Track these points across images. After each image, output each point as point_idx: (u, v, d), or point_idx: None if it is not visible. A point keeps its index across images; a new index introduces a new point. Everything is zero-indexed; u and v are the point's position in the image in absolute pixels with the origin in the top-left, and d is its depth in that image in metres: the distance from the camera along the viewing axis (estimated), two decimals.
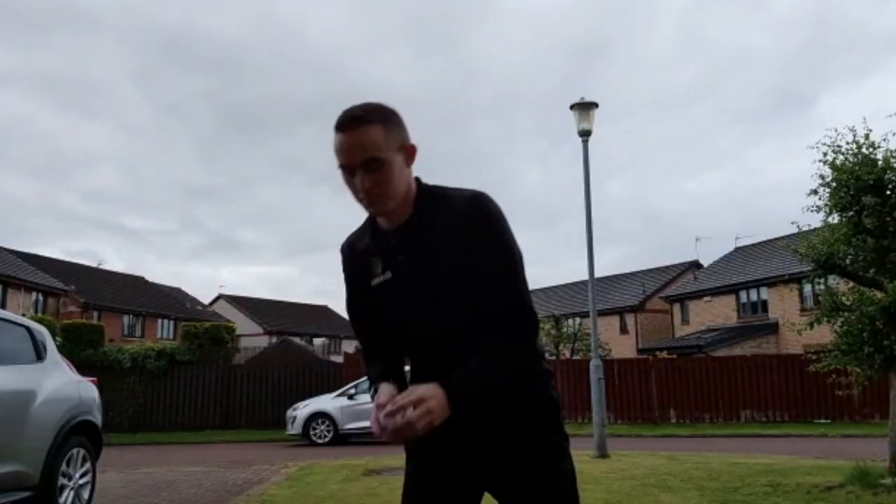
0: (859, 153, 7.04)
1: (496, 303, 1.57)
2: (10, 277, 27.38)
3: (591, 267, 11.45)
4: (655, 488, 6.83)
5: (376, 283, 1.69)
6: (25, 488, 4.98)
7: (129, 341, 28.63)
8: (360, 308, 1.79)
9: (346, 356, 23.10)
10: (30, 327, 5.73)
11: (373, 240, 1.71)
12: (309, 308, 54.53)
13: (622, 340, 35.48)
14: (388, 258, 1.67)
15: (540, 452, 1.65)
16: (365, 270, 1.71)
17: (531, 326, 1.60)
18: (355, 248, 1.77)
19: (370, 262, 1.70)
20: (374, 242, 1.70)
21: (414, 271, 1.63)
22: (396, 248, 1.65)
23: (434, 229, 1.62)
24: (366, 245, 1.72)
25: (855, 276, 7.38)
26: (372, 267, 1.70)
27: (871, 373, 7.02)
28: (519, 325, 1.59)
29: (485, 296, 1.57)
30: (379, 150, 1.57)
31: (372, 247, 1.70)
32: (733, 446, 12.71)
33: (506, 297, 1.58)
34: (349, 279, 1.79)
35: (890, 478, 6.40)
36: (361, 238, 1.75)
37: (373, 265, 1.70)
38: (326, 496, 6.70)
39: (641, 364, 20.69)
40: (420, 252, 1.63)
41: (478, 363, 1.53)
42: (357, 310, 1.80)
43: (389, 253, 1.66)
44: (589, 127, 11.41)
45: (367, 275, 1.71)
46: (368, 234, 1.73)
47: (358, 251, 1.75)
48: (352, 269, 1.77)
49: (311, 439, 15.30)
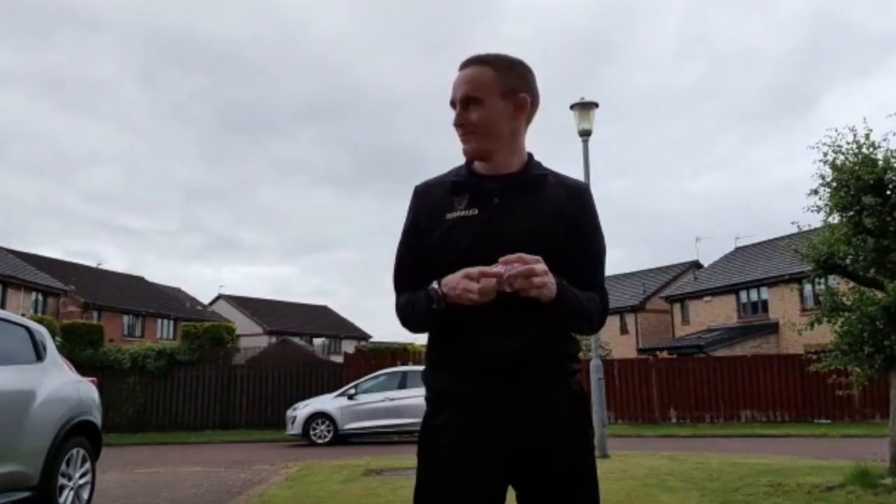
0: (860, 153, 7.03)
1: (589, 276, 1.72)
2: (10, 277, 27.38)
3: None
4: (656, 488, 6.83)
5: (454, 216, 1.69)
6: (25, 488, 4.98)
7: (129, 341, 28.66)
8: (414, 241, 1.76)
9: (346, 356, 23.11)
10: (30, 327, 5.73)
11: (467, 177, 1.74)
12: (309, 308, 54.52)
13: (622, 340, 35.47)
14: (479, 196, 1.69)
15: (578, 443, 1.67)
16: (441, 204, 1.72)
17: (607, 302, 1.77)
18: (433, 185, 1.78)
19: (453, 197, 1.71)
20: (468, 180, 1.73)
21: (506, 214, 1.66)
22: (494, 190, 1.69)
23: (544, 189, 1.71)
24: (455, 180, 1.74)
25: (855, 276, 7.37)
26: (454, 202, 1.71)
27: (872, 373, 7.01)
28: (604, 296, 1.74)
29: (581, 267, 1.69)
30: (479, 90, 1.66)
31: (464, 183, 1.72)
32: (733, 446, 12.71)
33: (597, 274, 1.76)
34: (415, 215, 1.78)
35: (890, 478, 6.40)
36: (446, 178, 1.78)
37: (456, 200, 1.71)
38: (326, 496, 6.70)
39: (642, 364, 20.69)
40: (521, 201, 1.68)
41: (580, 291, 1.65)
42: (411, 244, 1.77)
43: (483, 192, 1.69)
44: (589, 127, 11.41)
45: (442, 209, 1.71)
46: (462, 173, 1.75)
47: (440, 186, 1.76)
48: (424, 204, 1.77)
49: (311, 439, 15.29)
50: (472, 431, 1.61)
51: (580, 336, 2.14)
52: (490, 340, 1.60)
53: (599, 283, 1.75)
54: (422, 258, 1.72)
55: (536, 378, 1.64)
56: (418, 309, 1.67)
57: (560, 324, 1.66)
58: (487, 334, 1.60)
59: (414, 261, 1.75)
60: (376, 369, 17.41)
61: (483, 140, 1.68)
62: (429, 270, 1.67)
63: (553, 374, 1.67)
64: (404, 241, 1.79)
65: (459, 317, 1.60)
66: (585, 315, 1.67)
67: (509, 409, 1.62)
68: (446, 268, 1.61)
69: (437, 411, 1.69)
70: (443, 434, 1.65)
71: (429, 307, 1.61)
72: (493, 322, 1.60)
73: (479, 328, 1.60)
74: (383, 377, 16.09)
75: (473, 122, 1.67)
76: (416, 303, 1.68)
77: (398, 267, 1.80)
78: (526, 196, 1.69)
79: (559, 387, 1.68)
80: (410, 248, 1.77)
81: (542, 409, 1.64)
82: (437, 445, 1.66)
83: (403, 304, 1.75)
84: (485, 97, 1.66)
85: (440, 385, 1.70)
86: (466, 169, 1.75)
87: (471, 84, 1.67)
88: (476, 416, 1.62)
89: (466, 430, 1.62)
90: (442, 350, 1.71)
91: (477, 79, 1.67)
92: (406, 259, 1.78)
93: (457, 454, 1.62)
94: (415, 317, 1.71)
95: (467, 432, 1.62)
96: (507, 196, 1.68)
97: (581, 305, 1.64)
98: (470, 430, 1.62)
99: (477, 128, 1.67)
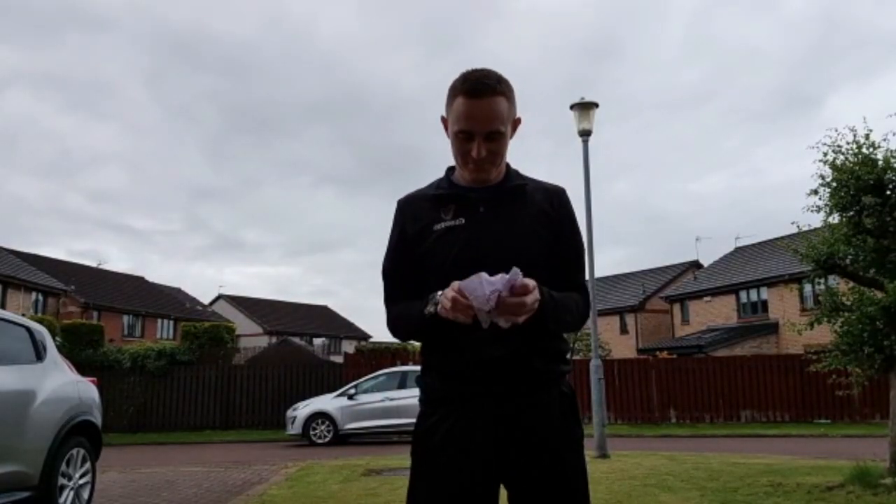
0: (859, 153, 7.03)
1: (572, 275, 1.78)
2: (10, 277, 27.37)
3: (591, 267, 11.45)
4: (656, 488, 6.83)
5: (441, 226, 1.72)
6: (25, 488, 4.98)
7: (129, 341, 28.65)
8: (403, 253, 1.78)
9: (346, 356, 23.11)
10: (30, 327, 5.73)
11: (450, 189, 1.76)
12: (309, 308, 54.51)
13: (622, 340, 35.48)
14: (465, 206, 1.72)
15: (565, 442, 1.69)
16: (428, 216, 1.74)
17: (588, 299, 1.81)
18: (417, 198, 1.81)
19: (439, 208, 1.74)
20: (452, 191, 1.75)
21: (493, 221, 1.70)
22: (479, 200, 1.71)
23: (524, 195, 1.75)
24: (439, 193, 1.76)
25: (855, 276, 7.37)
26: (440, 212, 1.73)
27: (871, 373, 7.01)
28: (585, 294, 1.79)
29: (562, 266, 1.75)
30: (502, 124, 1.66)
31: (448, 194, 1.75)
32: (733, 446, 12.71)
33: (579, 272, 1.81)
34: (402, 227, 1.80)
35: (890, 478, 6.40)
36: (428, 191, 1.80)
37: (442, 211, 1.73)
38: (326, 496, 6.70)
39: (641, 364, 20.68)
40: (504, 208, 1.71)
41: (560, 293, 1.67)
42: (400, 255, 1.79)
43: (469, 202, 1.72)
44: (589, 127, 11.40)
45: (430, 219, 1.74)
46: (444, 185, 1.78)
47: (424, 198, 1.79)
48: (411, 216, 1.79)
49: (311, 439, 15.29)
50: (463, 432, 1.64)
51: (574, 334, 2.15)
52: (482, 343, 1.61)
53: (581, 280, 1.80)
54: (412, 269, 1.74)
55: (527, 380, 1.66)
56: (412, 322, 1.70)
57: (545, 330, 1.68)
58: (479, 337, 1.61)
59: (405, 272, 1.77)
60: (376, 369, 17.42)
61: (493, 169, 1.72)
62: (419, 280, 1.70)
63: (544, 375, 1.69)
64: (393, 253, 1.81)
65: (451, 323, 1.62)
66: (568, 320, 1.71)
67: (500, 410, 1.64)
68: (437, 276, 1.63)
69: (429, 412, 1.72)
70: (435, 435, 1.67)
71: (422, 318, 1.63)
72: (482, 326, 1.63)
73: (471, 331, 1.61)
74: (383, 377, 16.09)
75: (494, 154, 1.68)
76: (409, 318, 1.71)
77: (389, 279, 1.81)
78: (509, 204, 1.73)
79: (549, 388, 1.70)
80: (400, 259, 1.79)
81: (532, 410, 1.66)
82: (429, 446, 1.68)
83: (395, 316, 1.78)
84: (504, 131, 1.67)
85: (432, 387, 1.72)
86: (448, 181, 1.78)
87: (497, 120, 1.65)
88: (467, 417, 1.65)
89: (458, 430, 1.64)
90: (435, 353, 1.73)
91: (500, 113, 1.65)
92: (397, 270, 1.80)
93: (448, 455, 1.64)
94: (408, 330, 1.77)
95: (459, 433, 1.64)
96: (492, 205, 1.71)
97: (565, 312, 1.68)
98: (461, 430, 1.64)
99: (495, 159, 1.69)
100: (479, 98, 1.63)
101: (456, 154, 1.71)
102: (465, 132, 1.65)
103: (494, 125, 1.64)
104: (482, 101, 1.63)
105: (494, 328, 1.54)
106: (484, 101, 1.63)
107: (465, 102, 1.64)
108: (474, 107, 1.63)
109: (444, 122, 1.76)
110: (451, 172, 1.82)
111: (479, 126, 1.64)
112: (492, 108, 1.63)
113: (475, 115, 1.63)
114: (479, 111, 1.63)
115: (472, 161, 1.67)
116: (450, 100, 1.70)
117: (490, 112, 1.63)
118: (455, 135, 1.68)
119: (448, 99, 1.72)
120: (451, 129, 1.69)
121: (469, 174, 1.72)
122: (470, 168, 1.70)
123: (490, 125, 1.64)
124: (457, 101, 1.66)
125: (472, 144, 1.65)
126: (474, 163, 1.67)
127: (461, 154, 1.69)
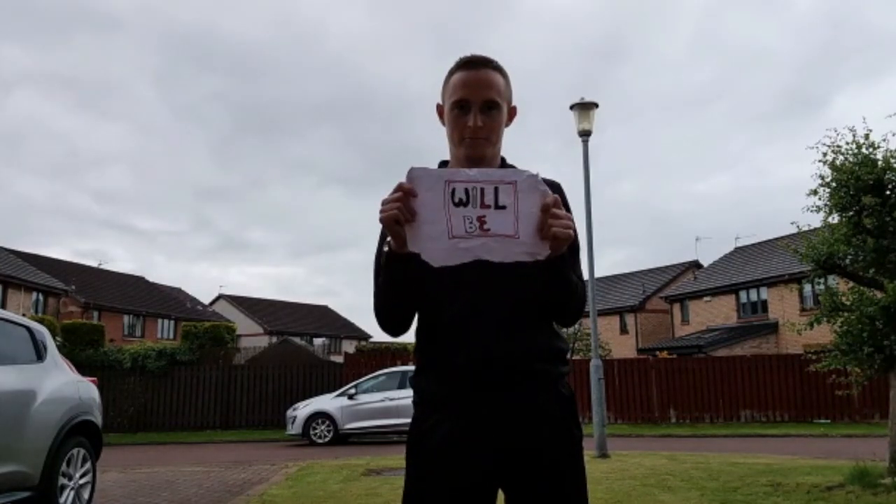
0: (859, 153, 7.04)
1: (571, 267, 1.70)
2: (11, 277, 27.37)
3: (591, 267, 11.45)
4: (656, 488, 6.84)
5: None
6: (26, 488, 4.98)
7: (129, 341, 28.65)
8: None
9: (346, 356, 23.08)
10: (30, 327, 5.73)
11: None
12: (309, 308, 54.51)
13: (622, 340, 35.50)
14: None
15: (564, 446, 1.67)
16: None
17: (585, 293, 1.74)
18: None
19: None
20: None
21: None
22: None
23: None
24: None
25: (855, 276, 7.38)
26: None
27: (871, 373, 7.02)
28: (583, 285, 1.74)
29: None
30: (499, 95, 1.66)
31: None
32: (733, 446, 12.71)
33: (576, 266, 1.74)
34: None
35: (890, 478, 6.41)
36: None
37: None
38: (326, 496, 6.71)
39: (641, 364, 20.69)
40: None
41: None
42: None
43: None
44: (589, 127, 11.41)
45: None
46: None
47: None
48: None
49: (311, 439, 15.30)
50: (459, 434, 1.62)
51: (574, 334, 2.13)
52: (478, 344, 1.61)
53: (578, 274, 1.78)
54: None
55: (525, 381, 1.65)
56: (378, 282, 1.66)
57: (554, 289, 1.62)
58: (476, 338, 1.60)
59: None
60: (376, 369, 17.42)
61: (489, 146, 1.69)
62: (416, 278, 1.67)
63: (542, 376, 1.68)
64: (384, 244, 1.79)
65: (447, 320, 1.62)
66: (574, 291, 1.65)
67: (497, 412, 1.62)
68: (434, 273, 1.59)
69: (424, 415, 1.69)
70: (431, 437, 1.65)
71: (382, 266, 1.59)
72: (482, 325, 1.61)
73: (468, 332, 1.61)
74: (383, 377, 16.10)
75: (489, 127, 1.66)
76: (377, 279, 1.68)
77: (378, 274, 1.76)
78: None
79: (547, 389, 1.68)
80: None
81: (529, 412, 1.64)
82: (425, 449, 1.66)
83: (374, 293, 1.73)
84: (501, 104, 1.68)
85: (428, 389, 1.70)
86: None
87: (494, 89, 1.66)
88: (464, 419, 1.62)
89: (454, 432, 1.62)
90: (430, 354, 1.71)
91: (496, 84, 1.67)
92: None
93: (445, 457, 1.62)
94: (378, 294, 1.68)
95: (455, 435, 1.62)
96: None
97: (571, 282, 1.64)
98: (458, 432, 1.62)
99: (489, 134, 1.67)
100: (476, 69, 1.67)
101: (451, 132, 1.70)
102: (461, 101, 1.66)
103: (490, 94, 1.65)
104: (479, 71, 1.66)
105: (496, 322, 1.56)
106: (480, 71, 1.67)
107: (462, 74, 1.67)
108: (471, 76, 1.66)
109: (439, 111, 1.76)
110: (444, 166, 1.80)
111: (476, 94, 1.65)
112: (488, 78, 1.66)
113: (471, 82, 1.65)
114: (476, 79, 1.66)
115: (469, 134, 1.65)
116: (446, 82, 1.72)
117: (486, 80, 1.66)
118: (451, 108, 1.68)
119: (444, 83, 1.73)
120: (447, 105, 1.69)
121: (464, 151, 1.68)
122: (466, 144, 1.67)
123: (486, 93, 1.65)
124: (453, 78, 1.69)
125: (469, 116, 1.65)
126: (470, 136, 1.65)
127: (457, 129, 1.67)
